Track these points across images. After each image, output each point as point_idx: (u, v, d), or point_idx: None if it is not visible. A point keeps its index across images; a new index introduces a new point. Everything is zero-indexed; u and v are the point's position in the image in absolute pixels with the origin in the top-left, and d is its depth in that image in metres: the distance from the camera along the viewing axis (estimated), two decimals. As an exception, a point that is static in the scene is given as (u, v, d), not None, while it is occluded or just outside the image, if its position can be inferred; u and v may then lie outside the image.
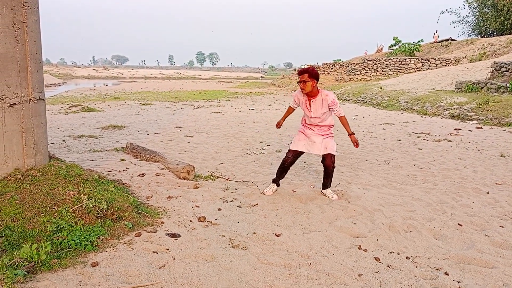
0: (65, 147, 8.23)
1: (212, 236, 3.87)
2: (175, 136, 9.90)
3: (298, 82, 4.86)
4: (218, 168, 6.68)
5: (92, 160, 6.89)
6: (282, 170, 5.31)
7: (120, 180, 5.50)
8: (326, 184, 5.30)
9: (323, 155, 5.10)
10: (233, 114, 15.67)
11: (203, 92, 30.84)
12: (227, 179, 6.00)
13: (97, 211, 3.90)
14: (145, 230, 3.89)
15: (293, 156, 5.18)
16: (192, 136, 9.93)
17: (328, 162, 5.09)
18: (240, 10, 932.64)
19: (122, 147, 7.98)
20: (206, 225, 4.16)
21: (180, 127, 11.57)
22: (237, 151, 8.17)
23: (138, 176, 5.83)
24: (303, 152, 5.18)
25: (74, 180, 4.27)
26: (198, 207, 4.70)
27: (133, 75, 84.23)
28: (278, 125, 5.43)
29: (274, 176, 5.44)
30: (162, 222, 4.15)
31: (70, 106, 16.26)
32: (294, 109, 5.39)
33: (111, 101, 21.09)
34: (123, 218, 3.99)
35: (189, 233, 3.92)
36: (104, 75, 79.03)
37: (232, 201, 5.01)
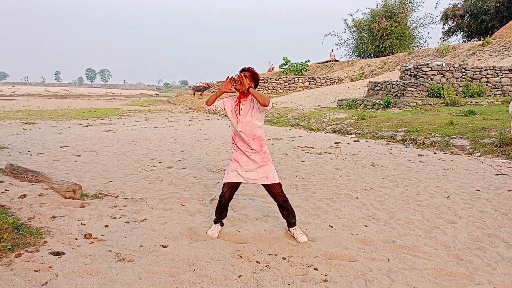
0: None
1: (98, 252, 3.91)
2: (61, 156, 9.51)
3: (236, 76, 4.27)
4: (106, 187, 6.62)
5: (-34, 183, 6.42)
6: (222, 209, 4.61)
7: (-2, 202, 5.24)
8: (288, 220, 4.62)
9: (266, 187, 4.52)
10: (125, 132, 15.39)
11: (94, 110, 29.66)
12: (115, 197, 5.99)
13: (-28, 234, 3.73)
14: (26, 251, 3.80)
15: (230, 189, 4.52)
16: (80, 155, 9.63)
17: (275, 192, 4.49)
18: (133, 27, 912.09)
19: (0, 169, 7.51)
20: (92, 242, 4.18)
21: (67, 146, 11.12)
22: (127, 169, 8.12)
23: (19, 197, 5.58)
24: (240, 183, 4.54)
25: None
26: (84, 225, 4.68)
27: (14, 92, 77.46)
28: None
29: (215, 216, 4.69)
30: (45, 242, 4.08)
31: None
32: (215, 107, 4.44)
33: (-12, 120, 19.43)
34: (1, 240, 3.86)
35: (74, 251, 3.92)
36: (-21, 93, 71.91)
37: (120, 217, 5.05)
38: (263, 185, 4.52)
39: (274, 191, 4.50)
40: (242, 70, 4.33)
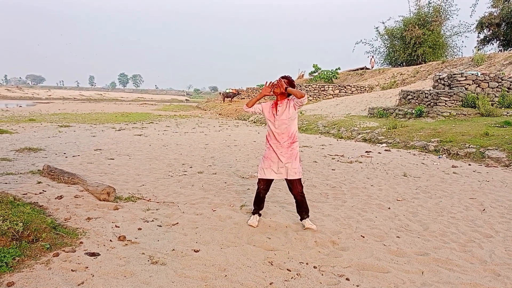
0: (-26, 170, 7.83)
1: (132, 254, 3.99)
2: (95, 159, 9.75)
3: (274, 83, 4.83)
4: (139, 190, 6.74)
5: (6, 183, 6.65)
6: (260, 201, 5.19)
7: (37, 202, 5.42)
8: (302, 216, 5.14)
9: (289, 183, 5.00)
10: (156, 136, 15.64)
11: (126, 114, 30.28)
12: (148, 200, 6.09)
13: (13, 232, 3.87)
14: (63, 250, 3.91)
15: (265, 185, 5.07)
16: (113, 159, 9.84)
17: (295, 190, 4.99)
18: (165, 32, 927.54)
19: (38, 170, 7.76)
20: (126, 244, 4.26)
21: (100, 149, 11.39)
22: (159, 173, 8.25)
23: (55, 198, 5.75)
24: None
25: (-12, 202, 4.19)
26: (118, 227, 4.78)
27: (50, 95, 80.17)
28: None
29: (252, 207, 5.32)
30: (81, 242, 4.19)
31: (-20, 128, 15.31)
32: (254, 109, 4.98)
33: (25, 122, 20.10)
34: (40, 239, 3.99)
35: (108, 252, 4.00)
36: (18, 96, 74.57)
37: (152, 220, 5.13)
38: (288, 180, 4.97)
39: (295, 188, 4.99)
40: (283, 78, 4.90)
